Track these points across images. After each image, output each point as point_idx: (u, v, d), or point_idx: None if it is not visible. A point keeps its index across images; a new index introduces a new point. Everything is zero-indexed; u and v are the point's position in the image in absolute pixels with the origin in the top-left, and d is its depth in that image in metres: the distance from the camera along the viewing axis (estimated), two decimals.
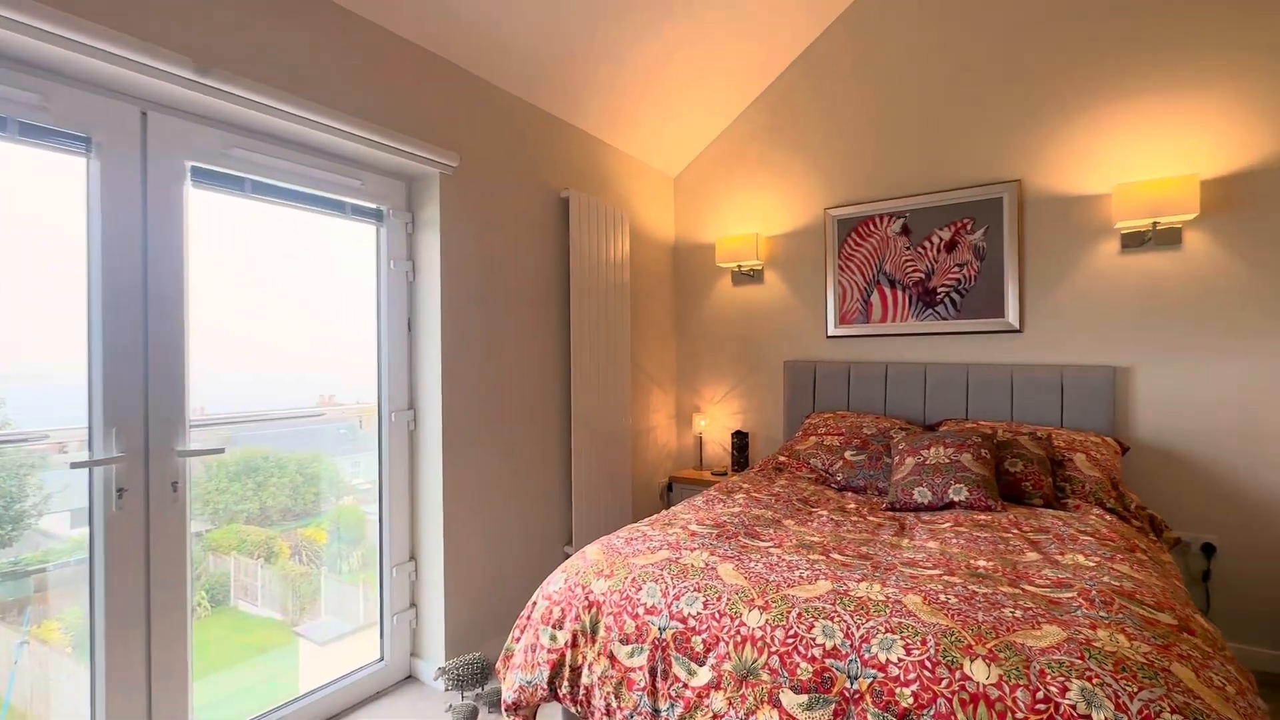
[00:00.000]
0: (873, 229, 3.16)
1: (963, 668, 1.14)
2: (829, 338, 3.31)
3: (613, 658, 1.51)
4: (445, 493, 2.37)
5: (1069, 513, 2.05)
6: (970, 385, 2.85)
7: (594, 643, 1.56)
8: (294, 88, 1.91)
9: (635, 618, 1.51)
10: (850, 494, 2.48)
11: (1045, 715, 1.04)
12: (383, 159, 2.21)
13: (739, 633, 1.37)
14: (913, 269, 3.05)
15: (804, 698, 1.22)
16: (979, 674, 1.12)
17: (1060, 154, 2.72)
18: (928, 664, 1.16)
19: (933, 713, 1.11)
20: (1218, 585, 2.43)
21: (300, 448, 2.27)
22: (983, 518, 2.01)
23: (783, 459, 2.87)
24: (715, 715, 1.32)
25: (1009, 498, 2.23)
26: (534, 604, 1.74)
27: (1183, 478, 2.50)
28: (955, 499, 2.14)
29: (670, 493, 3.67)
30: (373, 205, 2.33)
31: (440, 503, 2.36)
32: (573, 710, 1.59)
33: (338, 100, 2.03)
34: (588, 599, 1.62)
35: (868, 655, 1.22)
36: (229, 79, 1.69)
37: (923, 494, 2.20)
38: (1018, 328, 2.80)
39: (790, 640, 1.30)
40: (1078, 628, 1.20)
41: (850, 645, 1.24)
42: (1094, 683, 1.05)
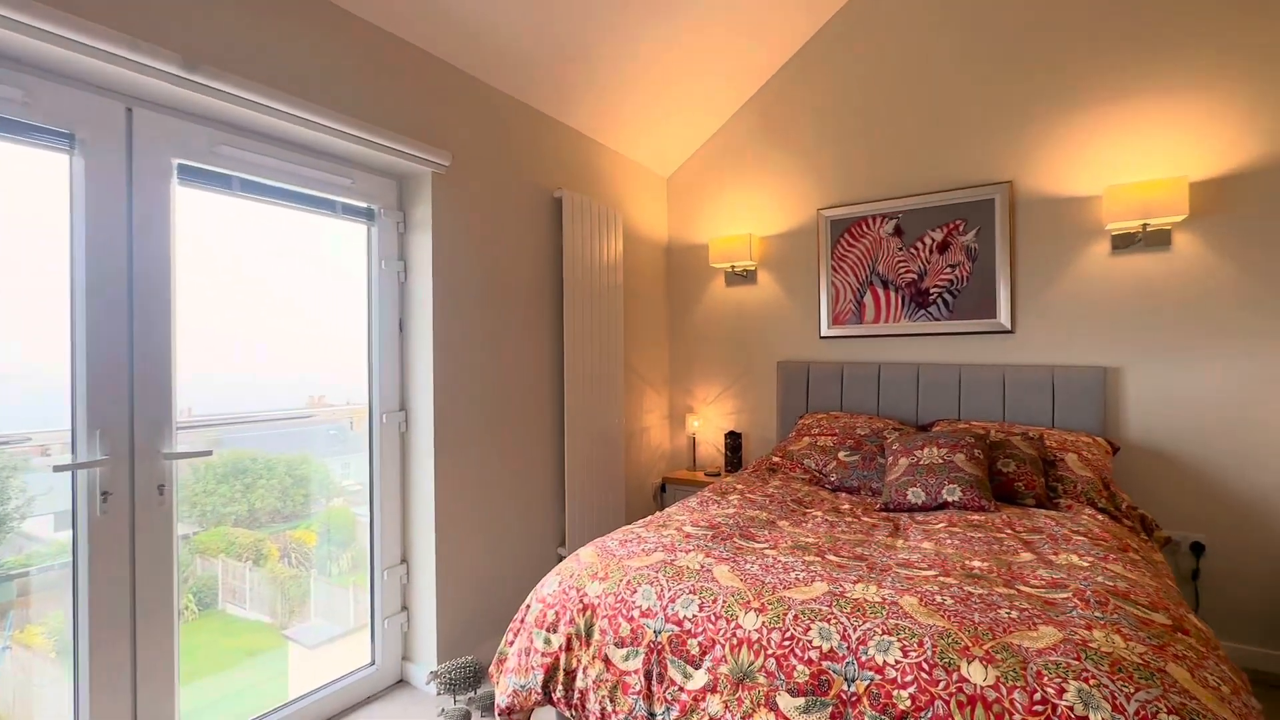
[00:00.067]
0: (865, 230, 3.17)
1: (960, 669, 1.13)
2: (822, 338, 3.31)
3: (608, 661, 1.50)
4: (437, 495, 2.34)
5: (1061, 513, 2.06)
6: (963, 386, 2.86)
7: (589, 646, 1.54)
8: (284, 85, 1.89)
9: (630, 620, 1.50)
10: (844, 494, 2.48)
11: (1043, 717, 1.03)
12: (374, 158, 2.19)
13: (735, 635, 1.36)
14: (905, 270, 3.06)
15: (801, 700, 1.22)
16: (976, 676, 1.12)
17: (1051, 155, 2.73)
18: (925, 666, 1.16)
19: (930, 715, 1.10)
20: (1206, 584, 2.45)
21: (289, 449, 2.25)
22: (976, 518, 2.02)
23: (776, 460, 2.87)
24: (711, 719, 1.31)
25: (1002, 498, 2.24)
26: (528, 607, 1.72)
27: (1172, 477, 2.52)
28: (949, 499, 2.15)
29: (664, 494, 3.66)
30: (364, 204, 2.30)
31: (432, 505, 2.34)
32: (567, 714, 1.58)
33: (328, 98, 2.01)
34: (582, 602, 1.60)
35: (865, 657, 1.21)
36: (217, 75, 1.66)
37: (916, 494, 2.20)
38: (1009, 328, 2.81)
39: (787, 643, 1.29)
40: (1073, 628, 1.20)
41: (847, 647, 1.24)
42: (1091, 684, 1.05)
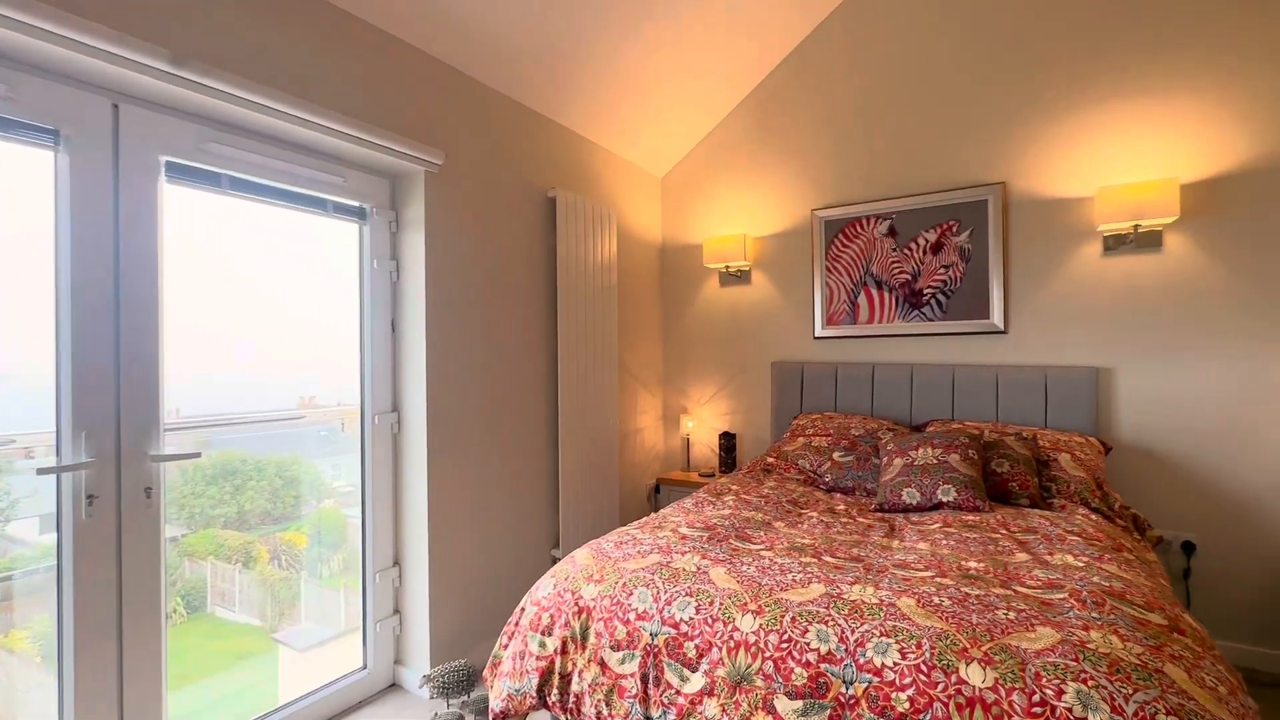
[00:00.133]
0: (860, 230, 3.17)
1: (958, 671, 1.13)
2: (816, 339, 3.31)
3: (603, 664, 1.48)
4: (430, 497, 2.32)
5: (1055, 513, 2.07)
6: (956, 386, 2.86)
7: (584, 649, 1.53)
8: (274, 82, 1.86)
9: (626, 623, 1.49)
10: (839, 495, 2.48)
11: (1042, 718, 1.03)
12: (366, 156, 2.16)
13: (732, 638, 1.35)
14: (899, 270, 3.07)
15: (799, 704, 1.21)
16: (975, 677, 1.11)
17: (1044, 157, 2.74)
18: (923, 668, 1.15)
19: (929, 717, 1.10)
20: (1198, 583, 2.47)
21: (280, 450, 2.22)
22: (971, 518, 2.02)
23: (771, 460, 2.86)
24: None
25: (996, 498, 2.24)
26: (522, 610, 1.70)
27: (1163, 477, 2.53)
28: (944, 500, 2.15)
29: (658, 494, 3.65)
30: (355, 203, 2.28)
31: (425, 507, 2.31)
32: (562, 719, 1.56)
33: (320, 95, 1.98)
34: (577, 604, 1.59)
35: (863, 660, 1.21)
36: (206, 71, 1.64)
37: (911, 495, 2.20)
38: (1002, 329, 2.82)
39: (784, 645, 1.28)
40: (1071, 629, 1.20)
41: (845, 650, 1.23)
42: (1089, 685, 1.05)
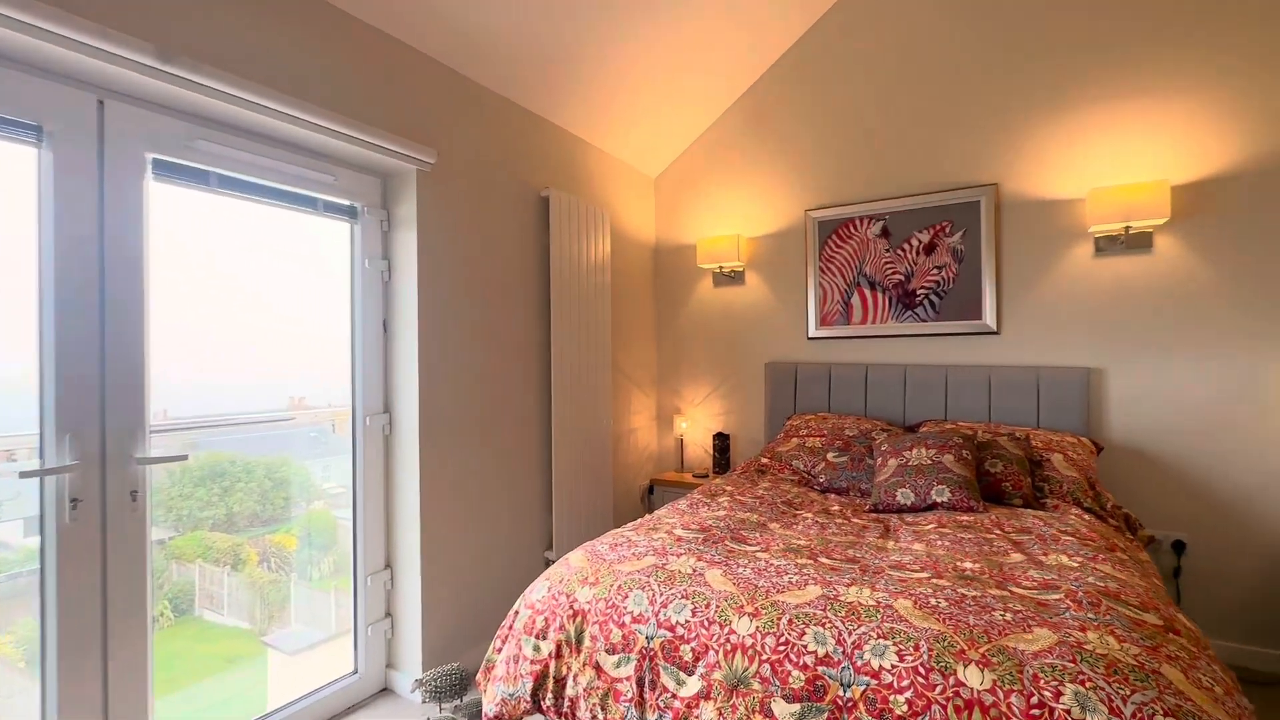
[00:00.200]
0: (853, 231, 3.18)
1: (956, 673, 1.12)
2: (810, 339, 3.31)
3: (599, 668, 1.47)
4: (422, 498, 2.30)
5: (1049, 513, 2.07)
6: (949, 386, 2.87)
7: (579, 653, 1.51)
8: (264, 78, 1.83)
9: (622, 626, 1.48)
10: (833, 495, 2.48)
11: None
12: (357, 154, 2.14)
13: (729, 641, 1.34)
14: (892, 271, 3.07)
15: (796, 707, 1.20)
16: (973, 680, 1.11)
17: (1036, 158, 2.75)
18: (921, 670, 1.15)
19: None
20: (1188, 581, 2.48)
21: (269, 452, 2.19)
22: (965, 518, 2.02)
23: (765, 461, 2.86)
24: None
25: (989, 498, 2.25)
26: (516, 613, 1.69)
27: (1154, 476, 2.55)
28: (938, 500, 2.15)
29: (651, 495, 3.64)
30: (346, 202, 2.25)
31: (417, 509, 2.29)
32: None
33: (310, 92, 1.96)
34: (572, 608, 1.57)
35: (860, 662, 1.20)
36: (194, 67, 1.61)
37: (906, 495, 2.20)
38: (995, 329, 2.83)
39: (781, 648, 1.28)
40: (1068, 630, 1.20)
41: (842, 652, 1.23)
42: (1087, 686, 1.05)
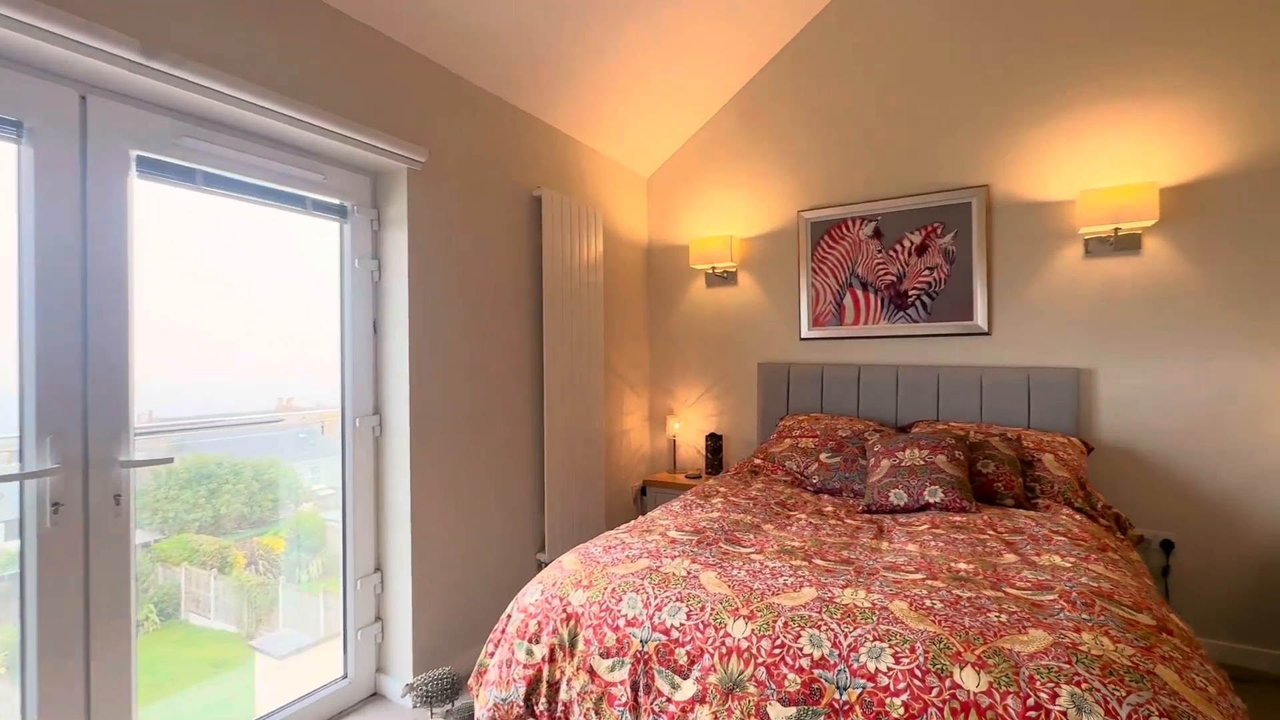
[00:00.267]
0: (845, 232, 3.18)
1: (953, 675, 1.12)
2: (802, 340, 3.31)
3: (592, 672, 1.45)
4: (413, 501, 2.27)
5: (1040, 513, 2.08)
6: (941, 387, 2.88)
7: (573, 657, 1.50)
8: (252, 75, 1.80)
9: (616, 630, 1.46)
10: (826, 496, 2.48)
11: None
12: (346, 152, 2.11)
13: (724, 644, 1.33)
14: (884, 272, 3.08)
15: (792, 710, 1.19)
16: (969, 682, 1.10)
17: (1026, 160, 2.77)
18: (917, 672, 1.14)
19: None
20: (1176, 580, 2.51)
21: (257, 453, 2.16)
22: (958, 519, 2.03)
23: (758, 462, 2.85)
24: None
25: (981, 498, 2.26)
26: (509, 617, 1.67)
27: (1143, 476, 2.57)
28: (931, 500, 2.15)
29: (644, 496, 3.63)
30: (336, 201, 2.22)
31: (408, 512, 2.26)
32: None
33: (299, 89, 1.93)
34: (565, 611, 1.56)
35: (856, 665, 1.19)
36: (180, 63, 1.58)
37: (899, 496, 2.20)
38: (986, 330, 2.85)
39: (777, 651, 1.27)
40: (1062, 631, 1.20)
41: (838, 655, 1.22)
42: (1083, 688, 1.04)
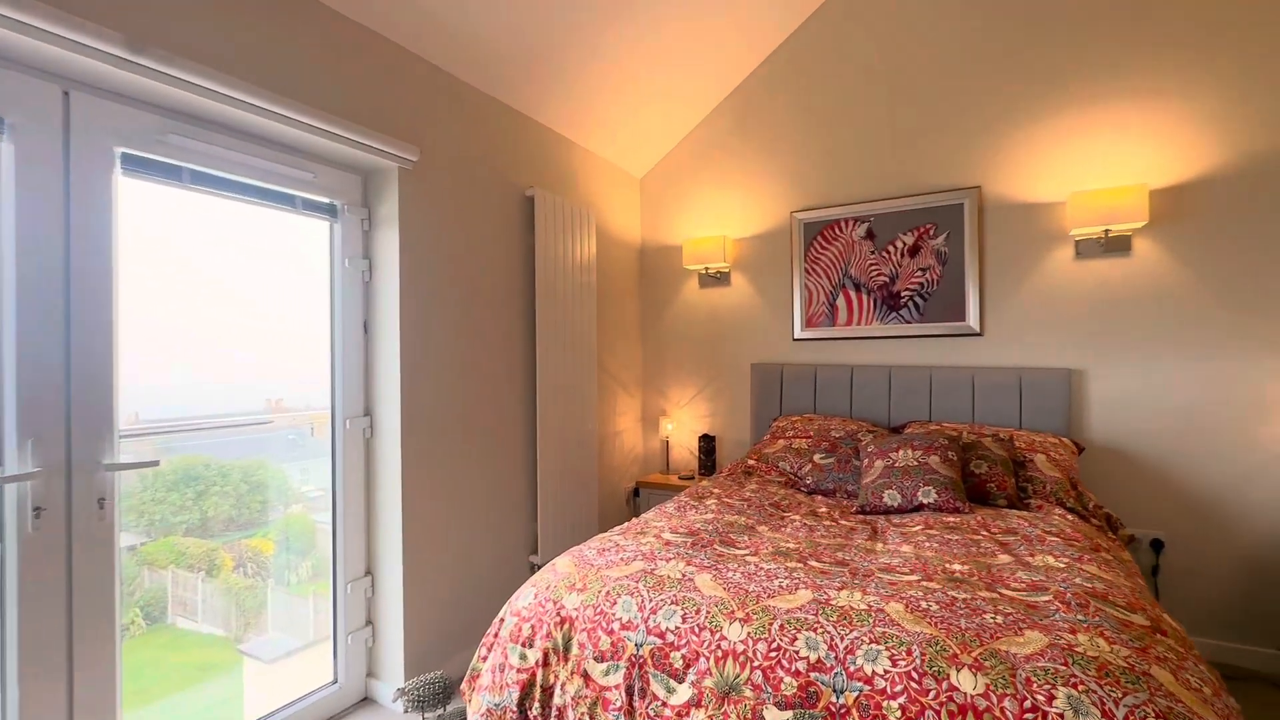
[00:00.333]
0: (838, 233, 3.18)
1: (949, 678, 1.12)
2: (795, 340, 3.31)
3: (587, 677, 1.44)
4: (405, 504, 2.25)
5: (1033, 513, 2.09)
6: (934, 387, 2.89)
7: (567, 661, 1.48)
8: (241, 71, 1.78)
9: (610, 633, 1.45)
10: (820, 497, 2.47)
11: None
12: (337, 151, 2.09)
13: (720, 647, 1.32)
14: (877, 273, 3.09)
15: (789, 714, 1.18)
16: (966, 684, 1.10)
17: (1018, 162, 2.78)
18: (914, 675, 1.14)
19: None
20: (1166, 579, 2.52)
21: (245, 455, 2.12)
22: (952, 519, 2.03)
23: (752, 462, 2.85)
24: None
25: (974, 499, 2.26)
26: (501, 621, 1.65)
27: (1133, 476, 2.58)
28: (924, 501, 2.16)
29: (637, 498, 3.62)
30: (326, 200, 2.20)
31: (399, 514, 2.24)
32: None
33: (288, 86, 1.90)
34: (559, 614, 1.54)
35: (853, 668, 1.19)
36: (165, 59, 1.55)
37: (892, 497, 2.21)
38: (978, 331, 2.86)
39: (773, 654, 1.26)
40: (1058, 633, 1.20)
41: (835, 658, 1.21)
42: (1080, 690, 1.04)
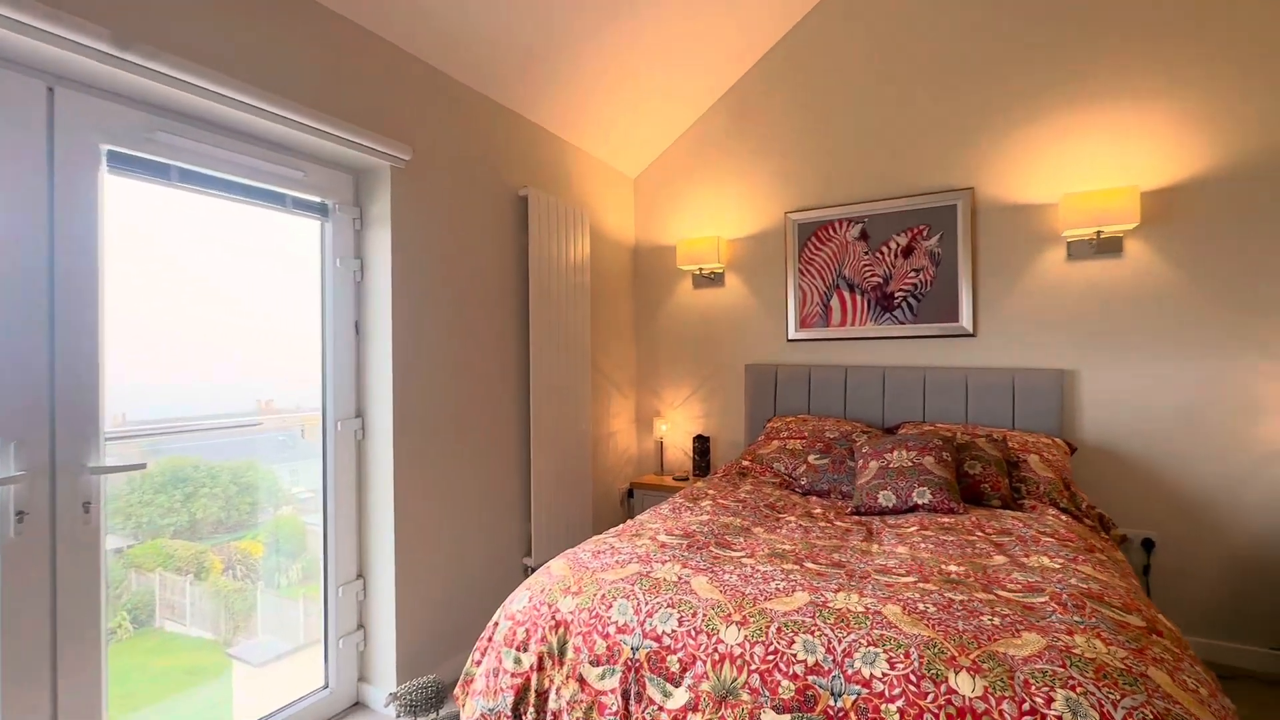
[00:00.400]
0: (832, 233, 3.19)
1: (948, 680, 1.11)
2: (789, 341, 3.31)
3: (582, 681, 1.42)
4: (397, 506, 2.22)
5: (1027, 513, 2.09)
6: (927, 388, 2.89)
7: (562, 665, 1.47)
8: (230, 68, 1.75)
9: (606, 637, 1.44)
10: (815, 498, 2.47)
11: None
12: (328, 149, 2.06)
13: (717, 650, 1.31)
14: (871, 274, 3.09)
15: (787, 718, 1.17)
16: (964, 687, 1.09)
17: (1011, 163, 2.80)
18: (912, 678, 1.13)
19: None
20: (1157, 579, 2.54)
21: (234, 456, 2.09)
22: (947, 520, 2.03)
23: (746, 463, 2.84)
24: None
25: (969, 499, 2.26)
26: (495, 624, 1.64)
27: (1124, 476, 2.60)
28: (919, 502, 2.16)
29: (631, 499, 3.60)
30: (316, 199, 2.17)
31: (391, 517, 2.21)
32: None
33: (279, 84, 1.88)
34: (554, 618, 1.53)
35: (851, 671, 1.18)
36: (153, 55, 1.52)
37: (887, 497, 2.20)
38: (971, 332, 2.87)
39: (771, 657, 1.25)
40: (1055, 634, 1.19)
41: (833, 661, 1.20)
42: (1078, 692, 1.04)
